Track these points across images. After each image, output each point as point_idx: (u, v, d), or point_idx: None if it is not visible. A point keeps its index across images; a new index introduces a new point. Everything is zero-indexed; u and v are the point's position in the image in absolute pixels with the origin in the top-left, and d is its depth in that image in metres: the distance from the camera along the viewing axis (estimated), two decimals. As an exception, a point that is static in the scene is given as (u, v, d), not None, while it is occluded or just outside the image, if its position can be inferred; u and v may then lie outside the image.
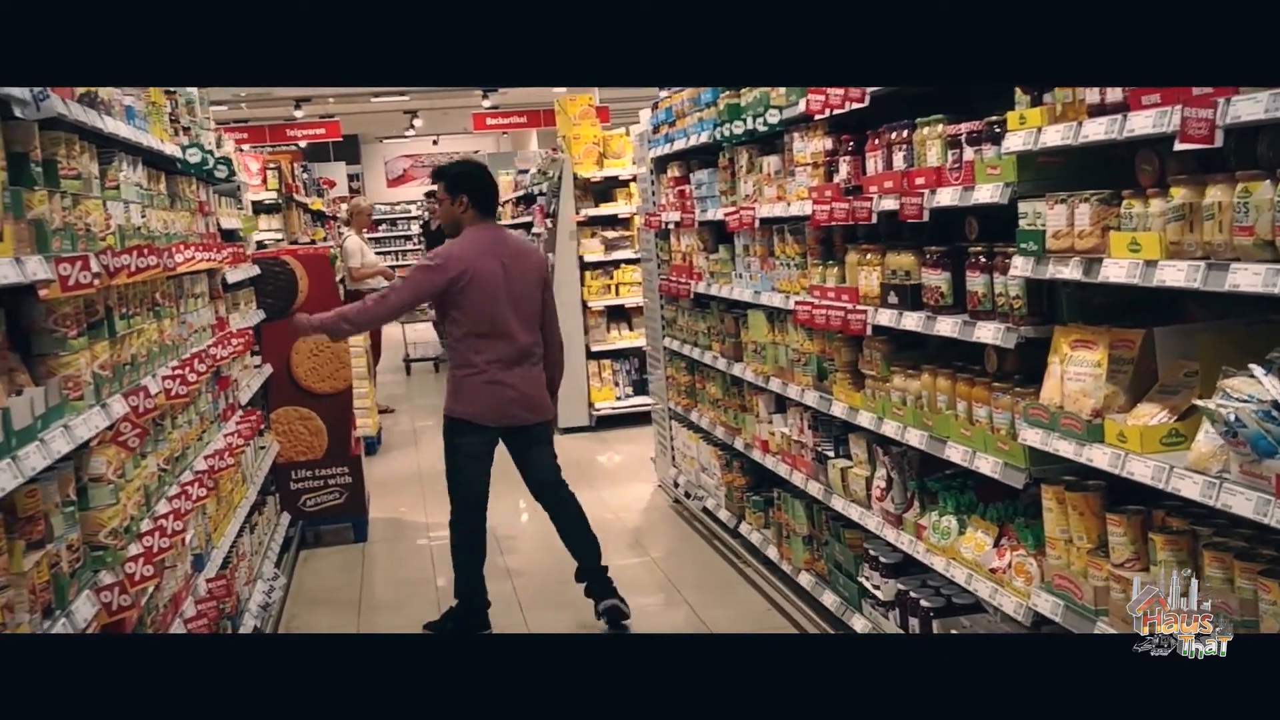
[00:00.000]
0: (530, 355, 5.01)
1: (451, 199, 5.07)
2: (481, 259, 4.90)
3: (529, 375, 5.03)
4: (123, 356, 3.40)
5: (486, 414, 4.95)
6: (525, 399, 5.01)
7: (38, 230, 2.70)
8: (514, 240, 5.19)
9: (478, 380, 4.93)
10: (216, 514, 4.72)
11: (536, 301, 5.05)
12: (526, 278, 5.01)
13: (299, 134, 20.53)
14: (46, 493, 2.63)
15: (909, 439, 3.97)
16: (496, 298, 4.90)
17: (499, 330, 4.91)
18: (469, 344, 4.94)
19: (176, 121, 4.87)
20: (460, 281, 4.85)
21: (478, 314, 4.89)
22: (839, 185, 4.35)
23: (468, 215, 5.05)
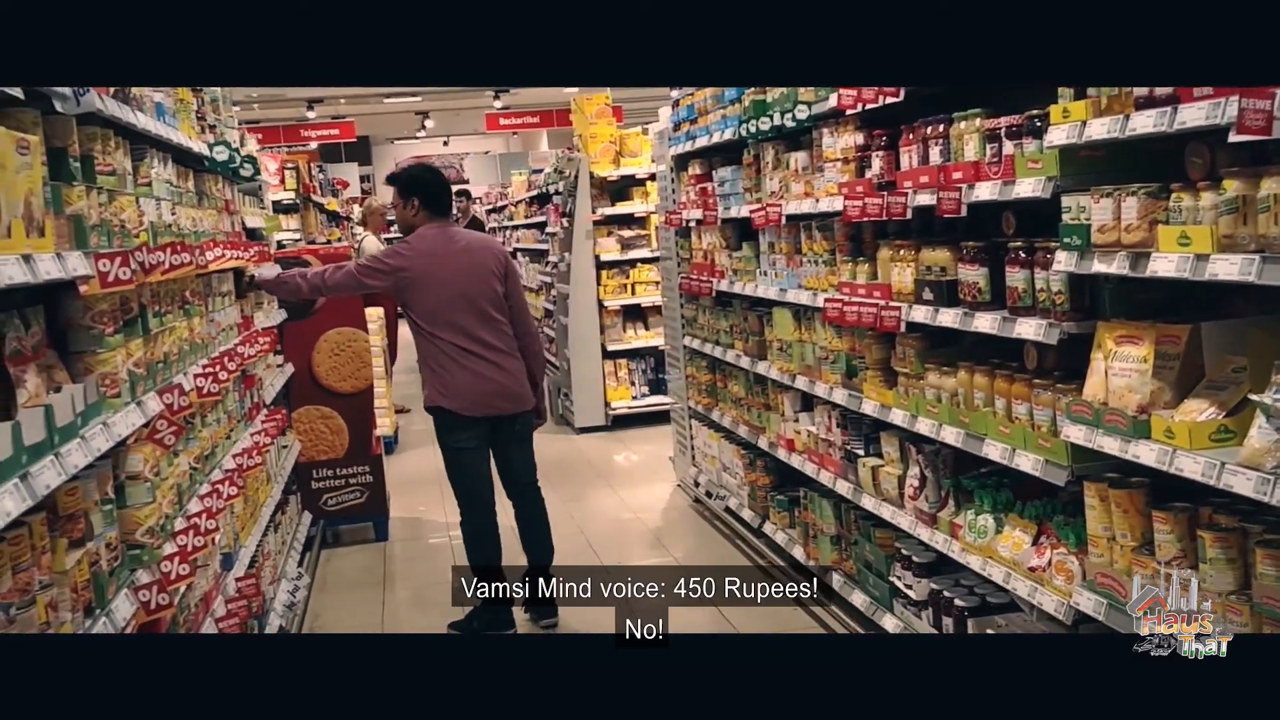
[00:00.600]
0: (491, 347, 5.04)
1: (404, 203, 5.20)
2: (425, 257, 5.02)
3: (501, 366, 5.07)
4: (156, 354, 3.38)
5: (468, 404, 5.00)
6: (503, 389, 5.07)
7: (76, 226, 2.68)
8: (465, 236, 5.28)
9: (446, 372, 5.01)
10: (244, 513, 4.70)
11: (493, 294, 5.09)
12: (478, 271, 5.07)
13: (312, 135, 20.54)
14: (86, 490, 2.61)
15: (944, 437, 3.93)
16: (442, 292, 4.98)
17: (451, 324, 4.99)
18: (430, 339, 5.04)
19: (203, 119, 4.85)
20: (403, 278, 4.99)
21: (427, 309, 5.00)
22: (872, 181, 4.31)
23: (419, 217, 5.17)
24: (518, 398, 5.13)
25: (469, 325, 4.98)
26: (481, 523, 5.22)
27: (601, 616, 2.69)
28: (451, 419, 5.04)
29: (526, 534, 5.36)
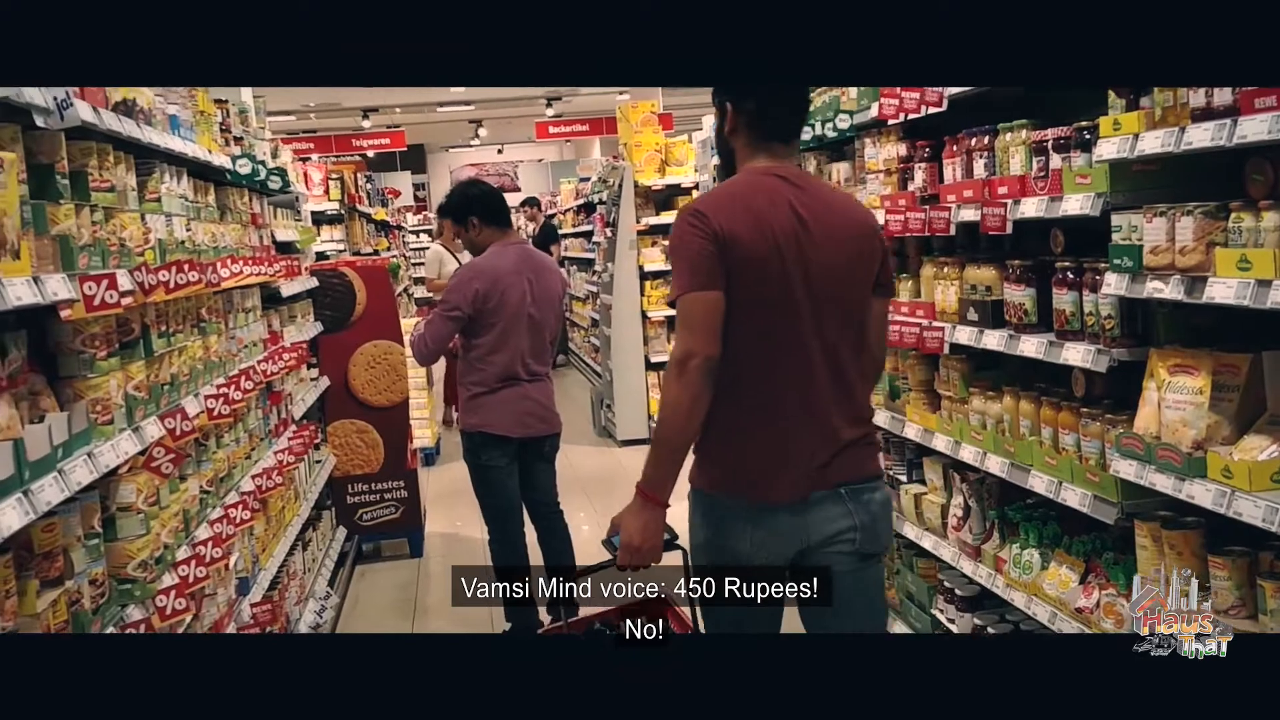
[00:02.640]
0: (533, 372, 4.89)
1: (464, 227, 4.97)
2: (510, 276, 4.80)
3: (541, 388, 4.93)
4: (161, 376, 3.26)
5: (506, 425, 4.83)
6: (540, 409, 4.92)
7: (62, 246, 2.56)
8: (538, 256, 5.07)
9: (494, 396, 4.82)
10: (265, 534, 4.59)
11: (553, 321, 4.95)
12: (549, 296, 4.90)
13: (365, 144, 20.59)
14: (67, 526, 2.48)
15: (989, 466, 3.72)
16: (519, 316, 4.79)
17: (513, 348, 4.80)
18: (485, 360, 4.81)
19: (228, 131, 4.75)
20: (490, 300, 4.74)
21: (496, 332, 4.78)
22: (914, 194, 4.11)
23: (485, 234, 4.95)
24: (550, 419, 4.99)
25: (525, 350, 4.83)
26: (512, 541, 5.09)
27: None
28: (485, 438, 4.91)
29: (550, 558, 5.20)
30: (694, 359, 2.58)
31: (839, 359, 2.73)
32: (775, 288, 2.65)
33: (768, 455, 2.70)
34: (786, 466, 2.70)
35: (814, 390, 2.70)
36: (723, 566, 2.66)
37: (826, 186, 2.98)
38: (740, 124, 2.81)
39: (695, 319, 2.61)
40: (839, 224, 2.75)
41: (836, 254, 2.71)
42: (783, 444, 2.70)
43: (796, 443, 2.70)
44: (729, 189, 2.77)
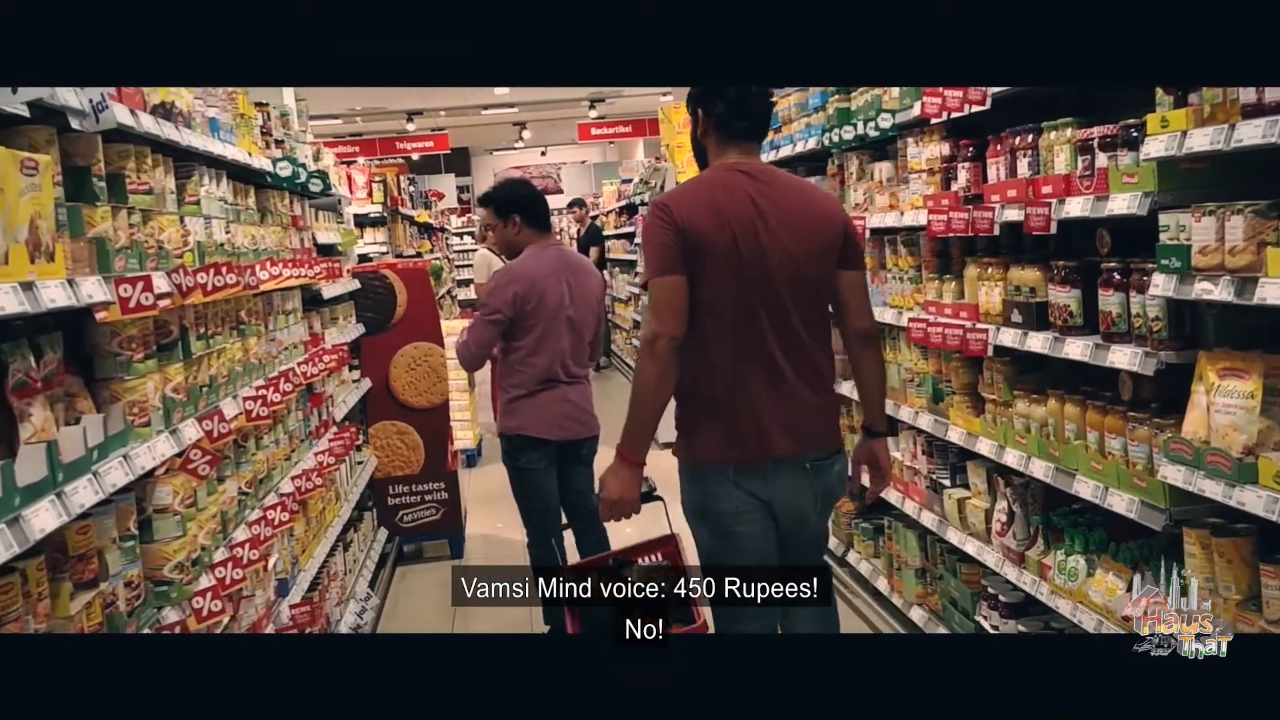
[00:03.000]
0: (573, 374, 4.84)
1: (504, 222, 4.90)
2: (549, 278, 4.75)
3: (579, 391, 4.87)
4: (199, 378, 3.27)
5: (545, 427, 4.79)
6: (579, 412, 4.86)
7: (99, 249, 2.57)
8: (576, 258, 5.02)
9: (533, 399, 4.77)
10: (305, 535, 4.60)
11: (592, 322, 4.89)
12: (587, 298, 4.85)
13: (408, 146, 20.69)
14: (101, 528, 2.49)
15: (1033, 470, 3.65)
16: (558, 318, 4.74)
17: (551, 350, 4.75)
18: (525, 363, 4.77)
19: (269, 134, 4.77)
20: (529, 302, 4.69)
21: (535, 335, 4.73)
22: (958, 194, 4.05)
23: (524, 235, 4.89)
24: (589, 422, 4.95)
25: (565, 352, 4.77)
26: (550, 543, 5.06)
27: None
28: (524, 440, 4.88)
29: (586, 549, 5.16)
30: (660, 339, 2.97)
31: (797, 334, 3.07)
32: (734, 271, 3.00)
33: (737, 424, 3.06)
34: (753, 432, 3.05)
35: (773, 362, 3.05)
36: (711, 524, 3.14)
37: (789, 179, 3.25)
38: (710, 126, 3.18)
39: (660, 302, 3.00)
40: (797, 211, 3.08)
41: (793, 238, 3.05)
42: (749, 413, 3.05)
43: (760, 410, 3.05)
44: (694, 184, 3.16)
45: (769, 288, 3.02)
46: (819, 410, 3.14)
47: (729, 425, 3.07)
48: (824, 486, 3.16)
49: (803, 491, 3.12)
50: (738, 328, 3.03)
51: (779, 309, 3.04)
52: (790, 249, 3.04)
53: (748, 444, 3.06)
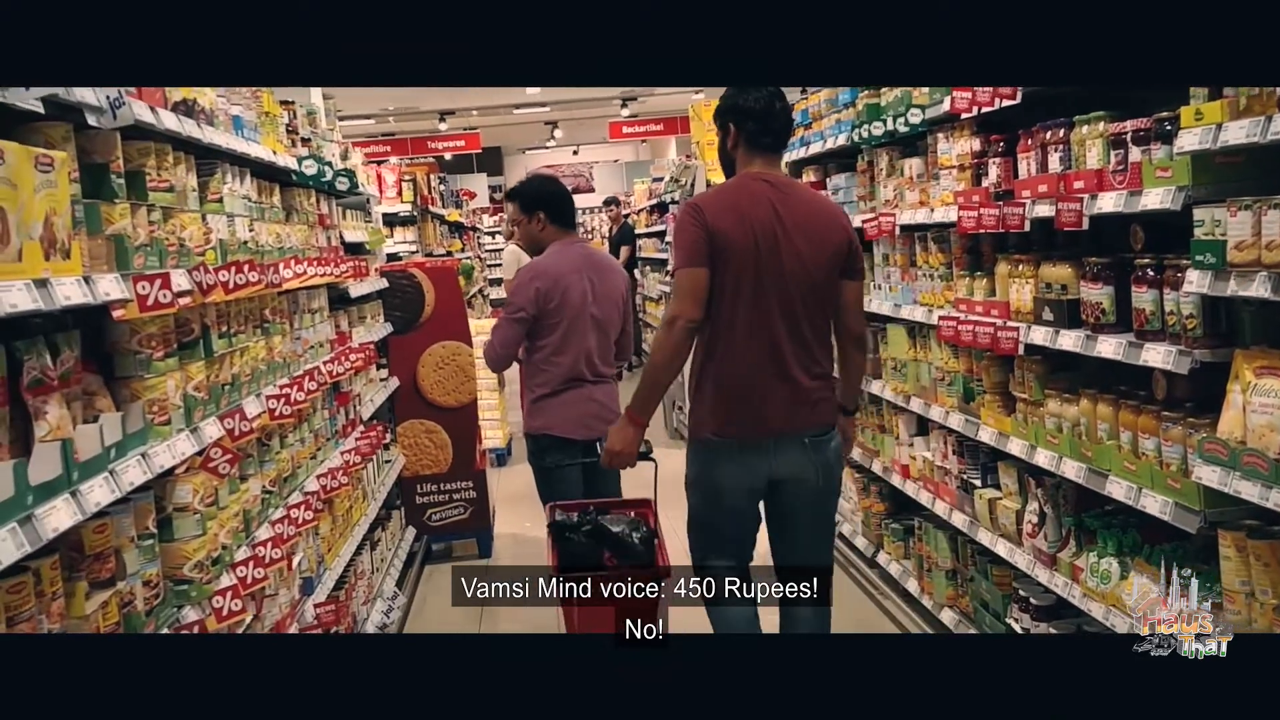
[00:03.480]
0: (602, 374, 4.79)
1: (528, 218, 4.86)
2: (571, 275, 4.70)
3: (605, 389, 4.82)
4: (221, 377, 3.26)
5: (569, 426, 4.75)
6: (605, 411, 4.78)
7: (117, 246, 2.55)
8: (600, 256, 4.96)
9: (558, 398, 4.73)
10: (331, 534, 4.59)
11: (617, 320, 4.84)
12: (611, 295, 4.79)
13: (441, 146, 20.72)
14: (119, 527, 2.47)
15: (1065, 471, 3.59)
16: (582, 317, 4.70)
17: (578, 349, 4.70)
18: (549, 362, 4.72)
19: (294, 133, 4.76)
20: (552, 300, 4.65)
21: (559, 333, 4.68)
22: (988, 189, 3.99)
23: (548, 232, 4.84)
24: (615, 420, 4.91)
25: (590, 351, 4.72)
26: None
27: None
28: (551, 440, 4.85)
29: None
30: (679, 320, 3.38)
31: (801, 327, 3.45)
32: (752, 267, 3.39)
33: (738, 403, 3.45)
34: (755, 413, 3.45)
35: (779, 350, 3.43)
36: (704, 491, 3.56)
37: (806, 190, 3.70)
38: (740, 140, 3.57)
39: (684, 289, 3.40)
40: (811, 220, 3.47)
41: (806, 243, 3.43)
42: (751, 394, 3.44)
43: (762, 393, 3.44)
44: (723, 190, 3.56)
45: (781, 284, 3.40)
46: (816, 394, 3.50)
47: (736, 403, 3.45)
48: (823, 459, 3.52)
49: (803, 464, 3.49)
50: (750, 317, 3.41)
51: (788, 303, 3.42)
52: (802, 252, 3.43)
53: (750, 421, 3.45)
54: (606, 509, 3.81)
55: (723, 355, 3.45)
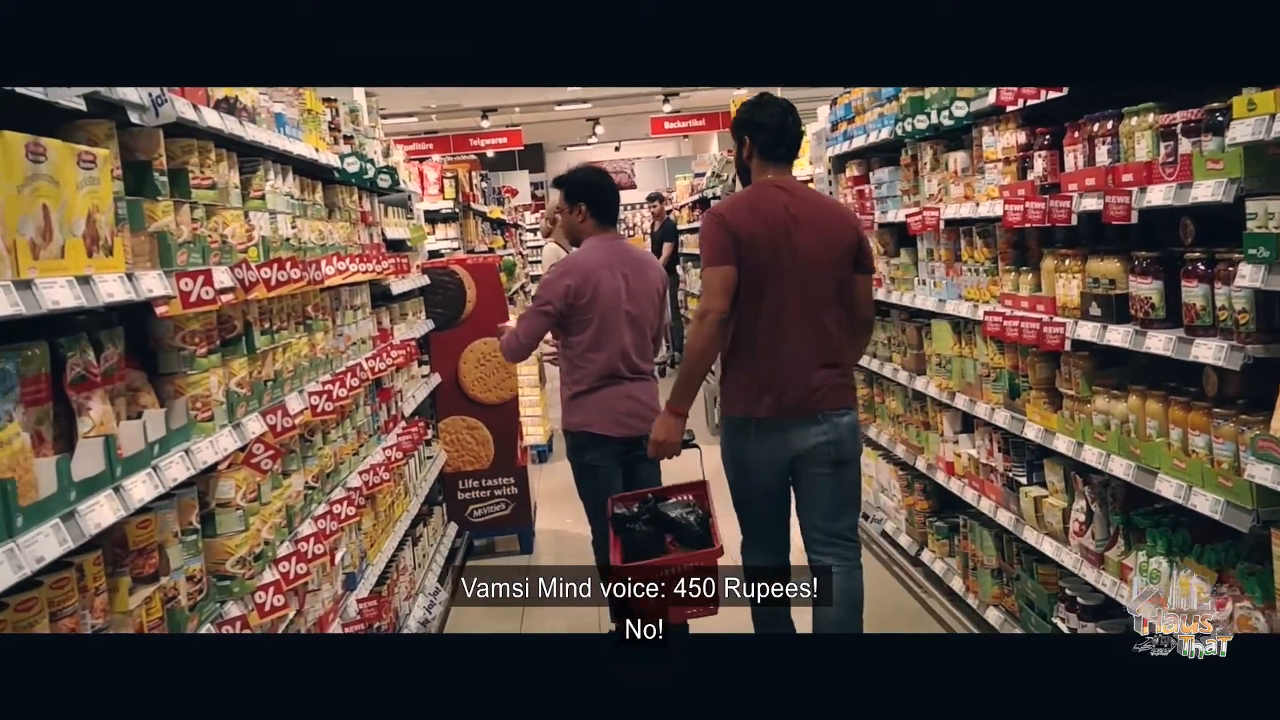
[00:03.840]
0: (637, 369, 4.76)
1: (570, 208, 4.84)
2: (604, 270, 4.68)
3: (644, 387, 4.79)
4: (264, 373, 3.27)
5: (607, 423, 4.72)
6: (643, 408, 4.76)
7: (160, 243, 2.57)
8: (636, 252, 4.94)
9: (595, 395, 4.72)
10: (374, 529, 4.61)
11: (654, 316, 4.81)
12: (646, 292, 4.77)
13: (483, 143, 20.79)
14: (163, 522, 2.49)
15: (1112, 468, 3.53)
16: (616, 312, 4.67)
17: (611, 344, 4.68)
18: (584, 358, 4.71)
19: (337, 130, 4.78)
20: (583, 296, 4.64)
21: (594, 328, 4.66)
22: (1034, 183, 3.94)
23: (587, 225, 4.82)
24: (654, 418, 4.87)
25: (627, 347, 4.70)
26: None
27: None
28: (587, 437, 4.84)
29: None
30: (710, 314, 3.76)
31: (820, 317, 3.83)
32: (772, 265, 3.77)
33: (762, 385, 3.82)
34: (776, 393, 3.82)
35: (797, 339, 3.80)
36: (737, 464, 3.96)
37: (816, 194, 4.15)
38: (755, 151, 3.97)
39: (714, 286, 3.78)
40: (823, 220, 3.88)
41: (818, 241, 3.82)
42: (772, 377, 3.81)
43: (783, 377, 3.81)
44: (741, 197, 3.98)
45: (799, 278, 3.79)
46: (835, 378, 3.87)
47: (762, 386, 3.82)
48: (837, 434, 3.86)
49: (822, 440, 3.84)
50: (772, 309, 3.79)
51: (806, 296, 3.80)
52: (816, 248, 3.82)
53: (774, 402, 3.81)
54: (664, 495, 4.07)
55: (749, 343, 3.82)
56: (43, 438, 2.07)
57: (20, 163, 1.96)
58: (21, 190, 1.96)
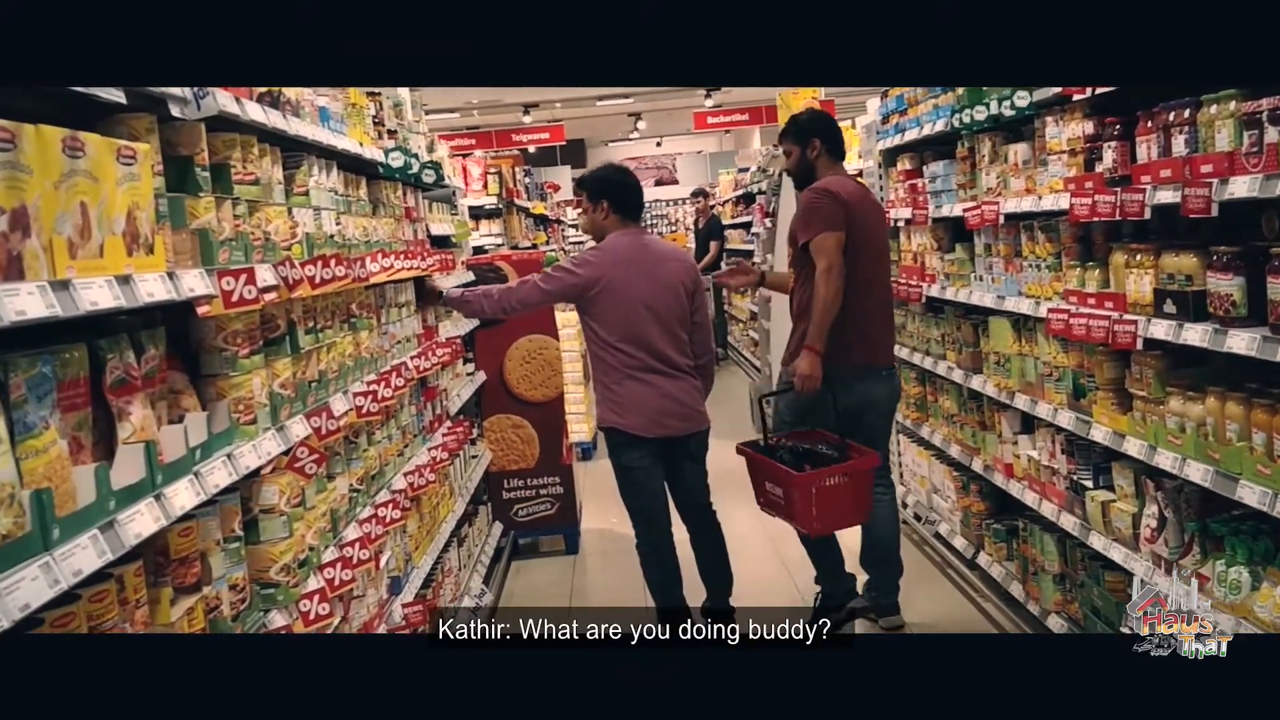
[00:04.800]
0: (672, 364, 4.66)
1: (593, 206, 4.81)
2: (619, 266, 4.62)
3: (680, 384, 4.68)
4: (308, 373, 3.18)
5: (641, 423, 4.63)
6: (679, 408, 4.67)
7: (202, 240, 2.48)
8: (658, 246, 4.86)
9: (625, 390, 4.63)
10: (419, 532, 4.52)
11: (681, 310, 4.71)
12: (669, 285, 4.67)
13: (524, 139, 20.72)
14: (205, 530, 2.40)
15: (1188, 473, 3.37)
16: (631, 305, 4.60)
17: (636, 339, 4.61)
18: (608, 353, 4.65)
19: (381, 125, 4.69)
20: (595, 288, 4.59)
21: (613, 322, 4.61)
22: (1103, 175, 3.78)
23: (609, 221, 4.78)
24: (693, 417, 4.75)
25: (653, 341, 4.62)
26: (657, 543, 4.90)
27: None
28: (624, 437, 4.73)
29: (703, 562, 5.01)
30: (834, 268, 4.62)
31: (884, 282, 5.07)
32: (862, 236, 4.75)
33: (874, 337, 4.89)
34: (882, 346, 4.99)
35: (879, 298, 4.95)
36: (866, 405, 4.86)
37: (867, 189, 5.40)
38: (823, 150, 4.96)
39: (830, 247, 4.65)
40: (876, 210, 5.06)
41: (878, 225, 5.02)
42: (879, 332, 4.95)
43: (883, 331, 5.00)
44: (838, 180, 4.87)
45: (877, 250, 4.92)
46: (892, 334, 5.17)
47: (872, 337, 4.85)
48: (893, 388, 5.09)
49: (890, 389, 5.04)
50: (869, 274, 4.79)
51: (875, 265, 4.88)
52: (877, 230, 4.96)
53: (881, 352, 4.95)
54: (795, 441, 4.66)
55: (860, 301, 4.70)
56: (81, 444, 1.99)
57: (57, 158, 1.88)
58: (59, 187, 1.87)
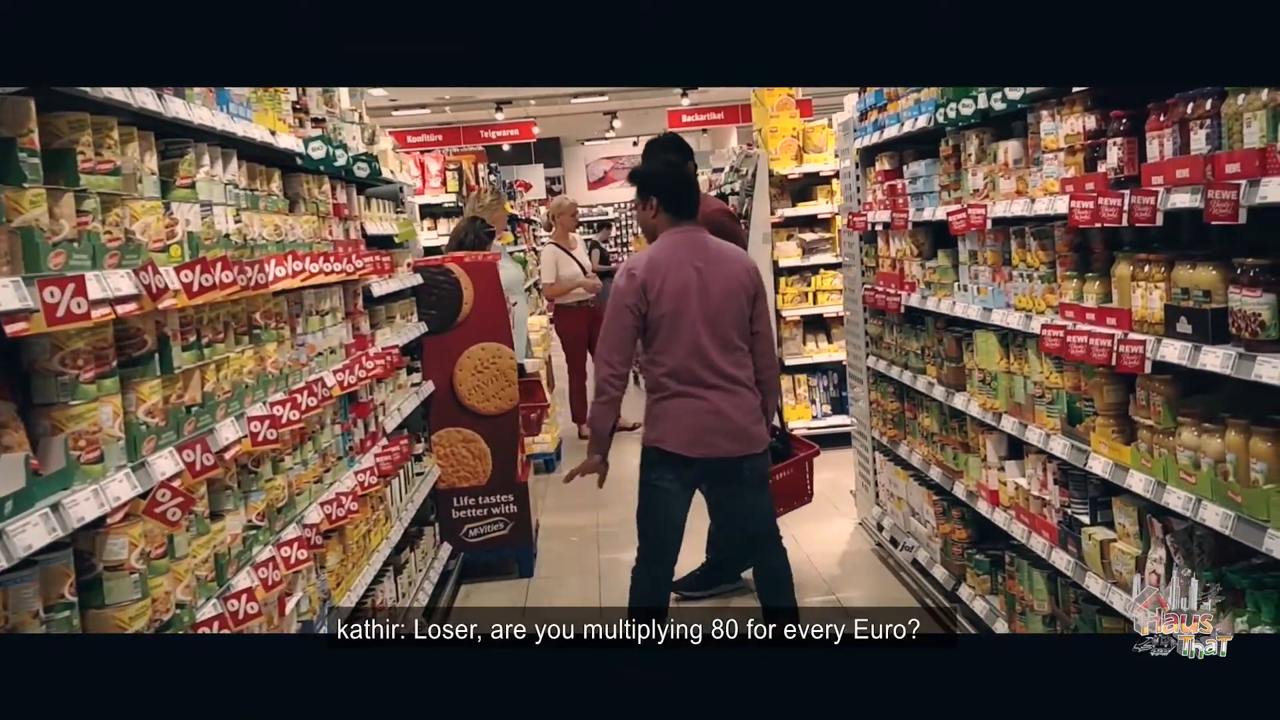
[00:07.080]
0: (730, 377, 4.19)
1: (642, 203, 4.39)
2: (664, 268, 4.18)
3: (732, 401, 4.20)
4: (187, 397, 2.72)
5: (682, 440, 4.17)
6: (730, 426, 4.17)
7: (25, 241, 2.02)
8: (714, 245, 4.37)
9: (670, 403, 4.20)
10: (341, 566, 4.05)
11: (739, 316, 4.25)
12: (727, 288, 4.22)
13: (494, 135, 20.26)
14: (17, 600, 1.94)
15: (1205, 517, 2.95)
16: (680, 311, 4.15)
17: (685, 345, 4.16)
18: (654, 362, 4.22)
19: (304, 112, 4.23)
20: (652, 289, 4.16)
21: (658, 328, 4.18)
22: (1106, 175, 3.36)
23: (660, 220, 4.35)
24: (747, 438, 4.23)
25: (705, 348, 4.16)
26: (655, 579, 4.42)
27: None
28: (657, 454, 4.25)
29: (768, 588, 4.53)
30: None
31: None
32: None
33: None
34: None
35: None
36: None
37: None
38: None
39: None
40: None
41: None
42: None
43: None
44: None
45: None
46: None
47: None
48: None
49: None
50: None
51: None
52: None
53: None
54: None
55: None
56: None
57: None
58: None
